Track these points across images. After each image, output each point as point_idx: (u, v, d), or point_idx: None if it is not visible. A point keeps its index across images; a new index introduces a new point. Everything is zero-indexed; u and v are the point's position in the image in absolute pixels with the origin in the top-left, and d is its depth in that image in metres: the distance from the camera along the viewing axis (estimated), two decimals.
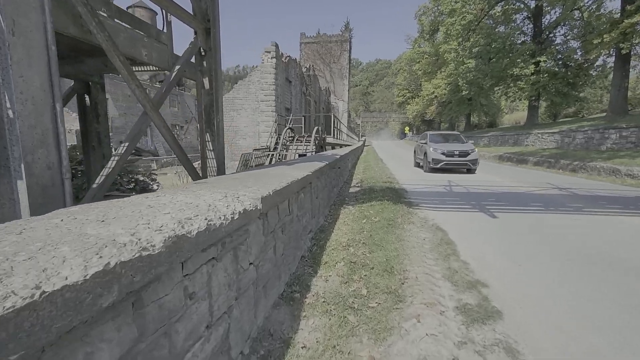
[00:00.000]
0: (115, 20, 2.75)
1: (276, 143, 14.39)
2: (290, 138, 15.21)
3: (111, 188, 4.23)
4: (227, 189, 2.02)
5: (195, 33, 3.32)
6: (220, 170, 3.59)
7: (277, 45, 17.90)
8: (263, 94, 17.69)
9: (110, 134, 21.92)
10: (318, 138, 14.95)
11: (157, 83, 29.33)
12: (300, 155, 12.61)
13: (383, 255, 3.34)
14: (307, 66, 31.76)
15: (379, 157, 20.09)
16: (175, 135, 34.09)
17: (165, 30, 3.45)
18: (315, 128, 14.92)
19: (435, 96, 38.55)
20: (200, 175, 3.58)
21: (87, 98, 3.77)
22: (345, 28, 54.79)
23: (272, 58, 17.56)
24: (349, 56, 54.18)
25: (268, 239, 2.26)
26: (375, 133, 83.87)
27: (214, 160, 3.51)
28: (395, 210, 5.27)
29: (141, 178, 5.97)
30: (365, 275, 2.88)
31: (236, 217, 1.57)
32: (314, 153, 12.92)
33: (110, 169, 2.32)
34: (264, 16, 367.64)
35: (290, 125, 16.04)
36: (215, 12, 3.40)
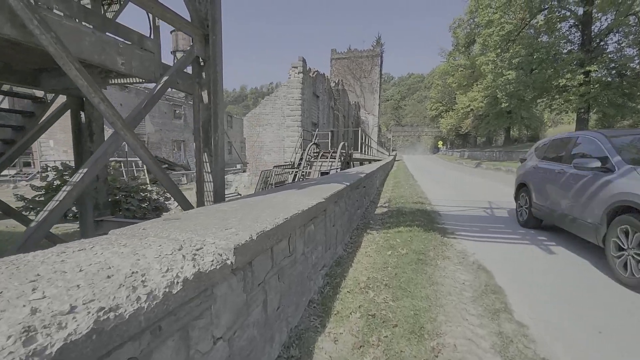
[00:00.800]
0: (79, 21, 2.44)
1: (300, 159, 13.99)
2: (315, 154, 14.75)
3: (102, 212, 3.92)
4: (193, 232, 1.52)
5: (192, 40, 2.97)
6: (219, 195, 3.13)
7: (304, 60, 17.83)
8: (289, 109, 17.56)
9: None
10: (344, 154, 14.38)
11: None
12: (322, 173, 12.05)
13: (410, 305, 2.67)
14: (336, 81, 31.68)
15: (410, 172, 19.08)
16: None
17: (152, 36, 3.11)
18: (341, 143, 14.38)
19: (471, 109, 36.82)
20: (197, 200, 3.17)
21: (82, 115, 3.54)
22: (376, 43, 54.62)
23: (299, 73, 17.47)
24: (380, 71, 53.70)
25: (253, 294, 1.72)
26: (406, 147, 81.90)
27: (212, 183, 3.07)
28: (427, 240, 4.54)
29: (155, 196, 5.76)
30: (386, 337, 2.24)
31: (177, 289, 1.04)
32: (339, 170, 12.32)
33: (58, 202, 1.91)
34: (297, 28, 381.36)
35: (316, 141, 15.62)
36: (215, 16, 3.02)
